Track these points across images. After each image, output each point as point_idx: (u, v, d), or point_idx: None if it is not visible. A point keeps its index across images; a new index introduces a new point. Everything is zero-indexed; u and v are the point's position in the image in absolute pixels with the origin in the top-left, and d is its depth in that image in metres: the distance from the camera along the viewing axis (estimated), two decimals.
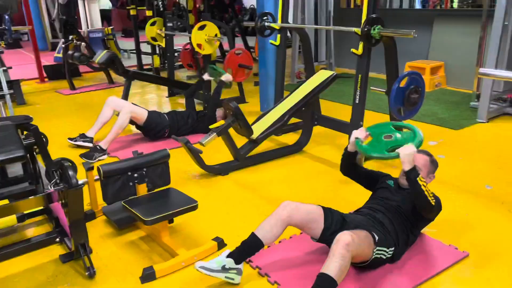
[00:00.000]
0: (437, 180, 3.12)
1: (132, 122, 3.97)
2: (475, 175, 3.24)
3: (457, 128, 4.28)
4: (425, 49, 6.36)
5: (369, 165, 3.35)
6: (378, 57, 3.66)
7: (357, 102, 3.39)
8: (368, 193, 2.51)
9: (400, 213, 2.18)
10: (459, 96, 5.50)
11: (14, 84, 5.64)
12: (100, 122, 4.00)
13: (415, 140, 2.07)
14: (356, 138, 2.25)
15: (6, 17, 6.42)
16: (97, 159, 3.69)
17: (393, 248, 2.07)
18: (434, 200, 2.05)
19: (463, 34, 5.85)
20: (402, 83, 3.17)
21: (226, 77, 4.21)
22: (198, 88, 4.61)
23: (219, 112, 4.23)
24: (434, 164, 2.30)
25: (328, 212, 2.12)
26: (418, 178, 2.00)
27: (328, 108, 4.93)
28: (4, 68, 4.63)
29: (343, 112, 4.38)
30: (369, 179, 2.48)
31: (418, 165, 2.13)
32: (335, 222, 2.08)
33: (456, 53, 5.95)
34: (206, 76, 4.40)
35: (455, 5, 10.77)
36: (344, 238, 1.84)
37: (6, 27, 6.26)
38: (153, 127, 4.02)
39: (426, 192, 2.01)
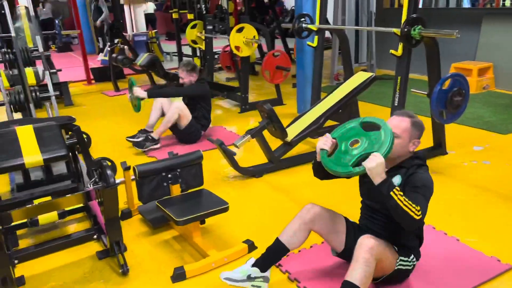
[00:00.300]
0: (480, 187, 3.00)
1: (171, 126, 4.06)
2: None
3: (504, 133, 4.06)
4: (472, 50, 6.08)
5: None
6: (420, 57, 3.53)
7: (396, 104, 3.28)
8: None
9: (384, 213, 1.91)
10: (508, 98, 5.21)
11: (62, 86, 5.93)
12: (154, 118, 4.16)
13: (383, 146, 1.71)
14: (322, 149, 1.86)
15: (57, 22, 6.76)
16: (148, 148, 3.94)
17: (412, 256, 1.92)
18: (418, 211, 1.67)
19: None
20: (445, 85, 3.04)
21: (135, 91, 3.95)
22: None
23: (182, 73, 4.15)
24: (417, 126, 1.90)
25: (351, 228, 2.01)
26: (392, 192, 1.66)
27: (368, 110, 4.83)
28: (53, 70, 4.87)
29: (382, 115, 4.25)
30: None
31: (396, 131, 1.81)
32: (356, 240, 1.86)
33: (506, 53, 5.64)
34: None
35: (508, 3, 10.26)
36: (367, 242, 1.74)
37: (57, 32, 6.58)
38: (191, 132, 4.10)
39: (405, 207, 1.65)
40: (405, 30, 3.01)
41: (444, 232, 2.44)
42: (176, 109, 3.96)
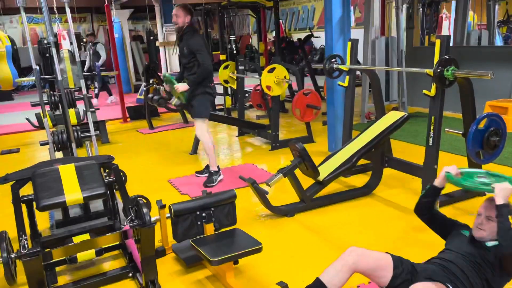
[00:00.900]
0: None
1: None
2: None
3: None
4: (507, 88, 5.98)
5: (445, 212, 3.14)
6: (454, 95, 3.51)
7: (430, 144, 3.25)
8: (442, 243, 2.35)
9: (474, 264, 1.98)
10: None
11: (100, 124, 6.18)
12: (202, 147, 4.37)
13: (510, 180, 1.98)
14: (447, 172, 2.14)
15: (96, 64, 7.12)
16: (217, 181, 4.12)
17: None
18: None
19: None
20: (481, 125, 3.00)
21: (177, 88, 4.02)
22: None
23: (177, 12, 3.99)
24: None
25: (398, 260, 2.02)
26: (510, 216, 1.85)
27: (401, 148, 4.78)
28: (92, 110, 5.10)
29: (416, 154, 4.21)
30: (443, 225, 2.30)
31: (493, 215, 1.94)
32: (405, 271, 1.97)
33: None
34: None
35: None
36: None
37: (97, 73, 6.94)
38: (203, 105, 4.14)
39: None
40: (438, 71, 3.02)
41: None
42: (201, 136, 4.08)
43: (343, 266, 1.98)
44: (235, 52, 9.93)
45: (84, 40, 13.44)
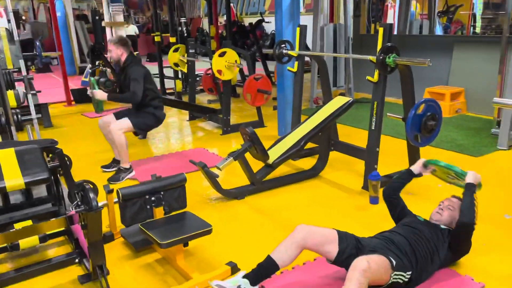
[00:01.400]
0: None
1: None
2: (494, 203, 3.19)
3: (477, 155, 4.23)
4: (445, 75, 6.34)
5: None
6: (396, 81, 3.69)
7: (373, 128, 3.41)
8: (385, 221, 2.50)
9: (422, 238, 2.19)
10: (480, 122, 5.44)
11: (42, 108, 5.89)
12: (114, 146, 4.06)
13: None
14: (427, 160, 2.53)
15: (37, 43, 6.74)
16: (125, 179, 3.85)
17: (410, 272, 2.06)
18: (474, 219, 2.22)
19: (484, 60, 5.82)
20: (419, 110, 3.18)
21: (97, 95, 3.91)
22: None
23: (111, 48, 3.95)
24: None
25: (343, 235, 2.15)
26: (474, 194, 2.25)
27: (347, 133, 4.96)
28: (33, 92, 4.85)
29: (360, 137, 4.39)
30: (402, 211, 2.51)
31: (453, 205, 2.38)
32: (350, 245, 2.10)
33: (476, 79, 5.91)
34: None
35: (478, 30, 10.76)
36: (360, 264, 1.86)
37: (37, 53, 6.57)
38: (143, 129, 4.17)
39: (475, 207, 2.21)
40: (380, 58, 3.15)
41: None
42: (118, 131, 3.81)
43: (292, 244, 2.08)
44: (185, 34, 9.77)
45: (23, 18, 12.64)
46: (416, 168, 2.58)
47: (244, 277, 2.06)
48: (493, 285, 2.23)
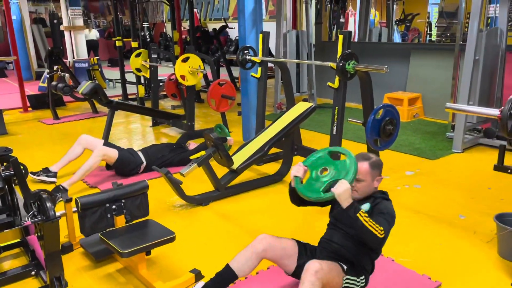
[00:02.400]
0: (412, 209, 3.23)
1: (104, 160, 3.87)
2: (450, 204, 3.32)
3: (433, 158, 4.40)
4: (403, 81, 6.57)
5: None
6: (357, 87, 3.78)
7: (334, 133, 3.48)
8: None
9: (349, 235, 2.09)
10: (436, 126, 5.66)
11: None
12: (68, 158, 3.91)
13: (348, 174, 1.91)
14: (295, 176, 2.05)
15: None
16: (59, 200, 3.31)
17: (363, 276, 2.07)
18: (382, 231, 1.87)
19: (438, 67, 6.09)
20: (378, 115, 3.28)
21: (230, 141, 3.76)
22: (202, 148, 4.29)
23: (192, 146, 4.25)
24: (375, 166, 2.10)
25: (303, 249, 2.13)
26: (358, 214, 1.85)
27: (309, 138, 5.04)
28: None
29: (323, 142, 4.48)
30: (319, 203, 2.25)
31: (359, 176, 2.02)
32: (308, 259, 2.02)
33: (432, 85, 6.16)
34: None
35: (434, 38, 11.23)
36: (312, 266, 1.87)
37: None
38: (124, 166, 3.92)
39: (370, 227, 1.85)
40: (340, 64, 3.23)
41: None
42: (98, 157, 3.71)
43: (252, 254, 2.06)
44: (148, 39, 9.64)
45: None
46: (293, 183, 2.11)
47: (203, 287, 2.04)
48: (450, 284, 2.32)
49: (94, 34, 12.94)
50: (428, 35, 11.49)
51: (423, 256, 2.59)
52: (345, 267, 2.02)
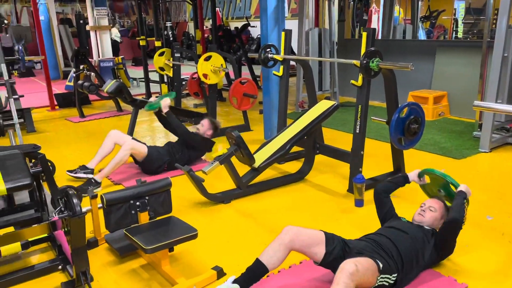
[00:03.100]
0: None
1: (131, 156, 3.94)
2: (476, 205, 3.24)
3: (459, 158, 4.30)
4: (428, 79, 6.44)
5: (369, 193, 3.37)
6: (381, 85, 3.73)
7: (357, 132, 3.44)
8: (370, 223, 2.52)
9: (407, 240, 2.22)
10: (462, 125, 5.53)
11: (25, 113, 5.80)
12: (100, 154, 3.99)
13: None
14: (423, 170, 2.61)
15: (20, 47, 6.65)
16: (91, 194, 3.57)
17: (396, 274, 2.08)
18: (463, 222, 2.28)
19: (465, 64, 5.94)
20: (402, 114, 3.23)
21: (165, 101, 4.13)
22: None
23: (206, 124, 4.23)
24: (446, 209, 2.49)
25: (330, 237, 2.15)
26: (465, 199, 2.33)
27: (331, 136, 5.00)
28: (16, 96, 4.78)
29: (345, 141, 4.43)
30: (389, 212, 2.57)
31: (435, 206, 2.44)
32: (337, 247, 2.11)
33: (458, 82, 6.02)
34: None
35: (460, 34, 10.97)
36: (348, 267, 1.87)
37: (20, 57, 6.48)
38: (152, 163, 3.98)
39: (465, 209, 2.29)
40: (364, 62, 3.19)
41: None
42: (127, 150, 3.79)
43: (280, 245, 2.08)
44: (171, 39, 9.74)
45: (6, 22, 12.46)
46: (411, 175, 2.70)
47: (233, 282, 2.05)
48: (476, 286, 2.26)
49: (114, 33, 13.13)
50: (454, 32, 11.24)
51: (449, 257, 2.53)
52: (381, 266, 2.02)
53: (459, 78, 6.01)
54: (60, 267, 2.50)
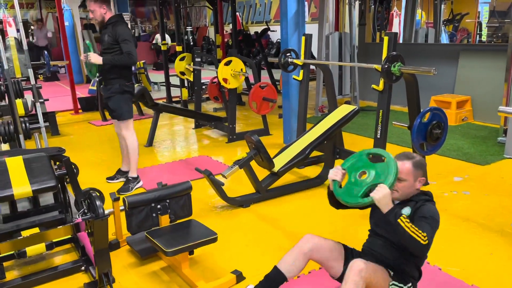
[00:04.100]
0: (461, 216, 3.10)
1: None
2: (501, 212, 3.16)
3: (483, 164, 4.21)
4: (451, 83, 6.33)
5: None
6: (402, 89, 3.69)
7: (378, 136, 3.41)
8: None
9: (391, 242, 2.02)
10: (486, 130, 5.41)
11: (49, 116, 5.95)
12: (125, 153, 4.06)
13: (388, 178, 1.85)
14: (333, 180, 2.01)
15: (45, 52, 6.83)
16: (134, 188, 3.80)
17: (410, 284, 2.00)
18: (425, 237, 1.78)
19: (490, 68, 5.82)
20: (425, 119, 3.18)
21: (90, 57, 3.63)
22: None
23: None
24: (419, 165, 2.00)
25: (349, 253, 2.09)
26: (399, 220, 1.79)
27: (352, 141, 4.96)
28: (41, 100, 4.91)
29: (366, 145, 4.39)
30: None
31: (401, 175, 1.94)
32: None
33: (482, 87, 5.90)
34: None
35: (484, 38, 10.75)
36: (356, 264, 1.82)
37: (45, 62, 6.65)
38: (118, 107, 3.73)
39: (412, 234, 1.78)
40: (386, 67, 3.16)
41: (427, 261, 2.50)
42: (129, 135, 3.78)
43: (298, 254, 2.03)
44: (191, 43, 9.85)
45: (32, 27, 12.81)
46: (331, 186, 2.08)
47: None
48: None
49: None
50: (478, 36, 11.00)
51: (472, 265, 2.48)
52: (392, 273, 1.96)
53: (483, 82, 5.89)
54: (83, 268, 2.55)
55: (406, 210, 1.96)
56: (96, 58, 3.54)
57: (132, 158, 3.84)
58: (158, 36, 14.12)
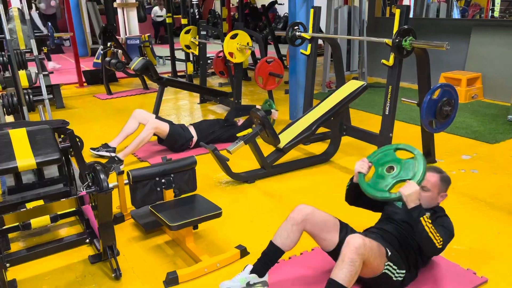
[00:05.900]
0: (468, 195, 3.07)
1: (155, 134, 3.95)
2: (509, 191, 3.12)
3: (492, 142, 4.14)
4: (461, 60, 6.19)
5: None
6: (411, 66, 3.60)
7: (387, 113, 3.34)
8: None
9: (408, 234, 2.05)
10: (496, 108, 5.31)
11: (54, 89, 5.91)
12: (125, 133, 4.02)
13: (417, 175, 1.90)
14: (359, 172, 2.06)
15: (49, 24, 6.72)
16: (113, 170, 3.55)
17: (403, 271, 1.96)
18: (440, 242, 1.88)
19: (502, 45, 5.67)
20: (435, 95, 3.11)
21: (274, 114, 4.09)
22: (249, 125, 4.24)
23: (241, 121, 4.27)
24: (445, 181, 2.10)
25: (344, 226, 2.06)
26: (422, 218, 1.85)
27: (359, 117, 4.89)
28: (45, 73, 4.86)
29: (373, 122, 4.33)
30: (375, 205, 2.28)
31: (427, 185, 2.02)
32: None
33: (494, 64, 5.76)
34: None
35: (497, 14, 10.47)
36: (354, 240, 1.77)
37: (49, 34, 6.55)
38: (175, 141, 3.98)
39: (430, 234, 1.86)
40: (397, 41, 3.07)
41: None
42: (150, 130, 3.80)
43: (292, 226, 2.00)
44: (197, 16, 9.67)
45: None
46: (355, 179, 2.14)
47: (251, 271, 2.01)
48: (498, 280, 2.18)
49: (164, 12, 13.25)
50: (490, 11, 10.72)
51: (479, 244, 2.45)
52: (389, 253, 1.92)
53: (495, 59, 5.75)
54: (87, 240, 2.56)
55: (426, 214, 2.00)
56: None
57: (136, 145, 3.78)
58: (156, 9, 13.90)
